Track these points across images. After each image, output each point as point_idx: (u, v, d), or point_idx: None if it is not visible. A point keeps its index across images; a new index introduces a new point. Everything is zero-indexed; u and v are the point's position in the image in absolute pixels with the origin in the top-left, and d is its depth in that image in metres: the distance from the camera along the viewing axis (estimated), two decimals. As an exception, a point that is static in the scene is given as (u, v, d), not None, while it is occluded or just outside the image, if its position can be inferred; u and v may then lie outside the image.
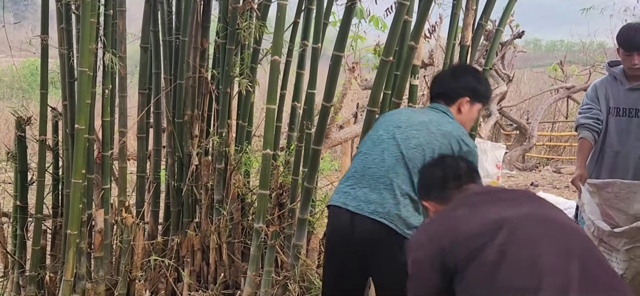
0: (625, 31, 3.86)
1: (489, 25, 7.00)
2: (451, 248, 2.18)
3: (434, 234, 2.28)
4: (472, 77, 3.15)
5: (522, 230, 2.13)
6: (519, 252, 2.07)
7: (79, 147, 3.58)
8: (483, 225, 2.17)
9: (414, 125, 2.97)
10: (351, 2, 3.55)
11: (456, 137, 2.95)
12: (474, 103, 3.12)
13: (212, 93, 4.16)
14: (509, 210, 2.23)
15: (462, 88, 3.10)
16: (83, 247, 3.91)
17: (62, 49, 3.99)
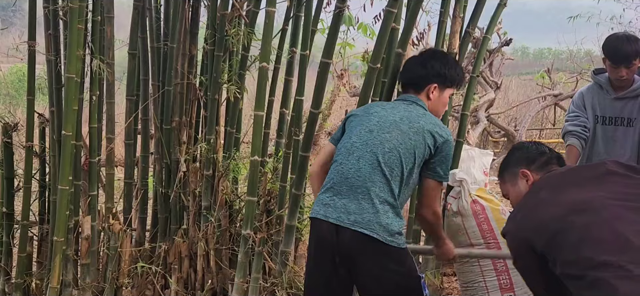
0: (611, 43, 3.86)
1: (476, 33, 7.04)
2: (535, 236, 2.26)
3: (521, 223, 2.37)
4: (438, 62, 3.13)
5: (602, 211, 2.19)
6: (600, 230, 2.14)
7: (66, 154, 3.57)
8: (564, 208, 2.24)
9: (385, 127, 2.95)
10: (339, 10, 3.56)
11: (429, 130, 2.94)
12: (443, 89, 3.12)
13: (200, 100, 4.16)
14: (590, 191, 2.29)
15: (429, 75, 3.10)
16: (70, 254, 3.90)
17: (50, 55, 3.98)
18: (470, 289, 4.04)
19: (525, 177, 2.57)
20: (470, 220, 3.96)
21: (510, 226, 2.42)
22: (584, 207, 2.22)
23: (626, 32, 4.06)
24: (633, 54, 3.77)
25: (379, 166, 2.88)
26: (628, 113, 3.91)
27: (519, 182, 2.60)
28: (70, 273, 3.92)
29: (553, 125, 15.28)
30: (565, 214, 2.22)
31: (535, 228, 2.28)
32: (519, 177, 2.59)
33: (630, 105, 3.90)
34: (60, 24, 3.94)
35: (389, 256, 2.86)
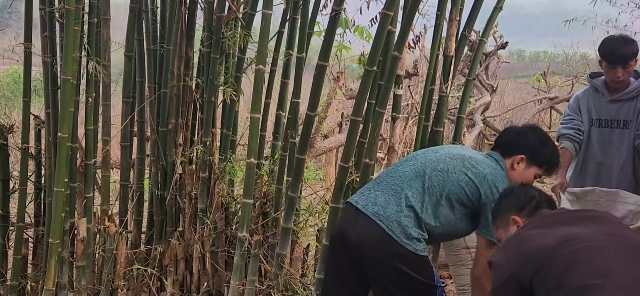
0: (608, 44, 3.89)
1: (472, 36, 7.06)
2: (526, 264, 2.29)
3: (512, 253, 2.40)
4: (535, 137, 3.08)
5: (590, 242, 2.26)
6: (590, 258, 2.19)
7: (62, 155, 3.56)
8: (555, 240, 2.30)
9: (452, 154, 3.00)
10: (335, 12, 3.56)
11: (490, 181, 2.92)
12: (530, 165, 3.05)
13: (196, 102, 4.16)
14: (579, 229, 2.35)
15: (520, 145, 3.05)
16: (65, 256, 3.89)
17: (46, 57, 3.97)
18: (465, 292, 4.04)
19: (516, 223, 2.63)
20: (466, 222, 3.96)
21: (499, 257, 2.44)
22: (573, 239, 2.28)
23: (622, 34, 4.07)
24: (629, 55, 3.79)
25: (423, 177, 2.93)
26: (624, 116, 3.92)
27: (510, 228, 2.66)
28: (65, 275, 3.91)
29: (549, 128, 15.29)
30: (555, 245, 2.28)
31: (525, 258, 2.31)
32: (510, 224, 2.66)
33: (626, 108, 3.91)
34: (56, 26, 3.93)
35: (402, 258, 2.88)
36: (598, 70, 4.07)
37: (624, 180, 3.94)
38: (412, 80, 8.67)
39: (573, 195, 3.94)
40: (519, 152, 3.04)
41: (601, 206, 3.88)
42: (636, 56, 3.84)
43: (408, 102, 8.20)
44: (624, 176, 3.95)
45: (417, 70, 8.59)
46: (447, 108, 4.38)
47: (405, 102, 8.13)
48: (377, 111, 3.66)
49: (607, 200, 3.86)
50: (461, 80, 8.25)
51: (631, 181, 3.94)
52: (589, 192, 3.92)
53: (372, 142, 3.65)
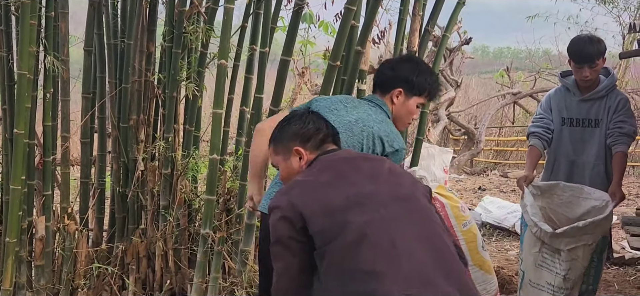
0: (575, 43, 3.92)
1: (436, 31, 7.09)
2: (312, 217, 2.16)
3: (296, 199, 2.21)
4: (408, 67, 2.99)
5: (381, 211, 2.16)
6: (379, 234, 2.10)
7: (18, 152, 3.48)
8: (344, 200, 2.18)
9: (339, 127, 2.81)
10: (298, 7, 3.54)
11: (379, 136, 2.85)
12: (409, 96, 2.96)
13: (158, 98, 4.10)
14: (370, 186, 2.25)
15: (396, 78, 2.96)
16: (23, 255, 3.80)
17: (1, 52, 3.87)
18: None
19: (299, 154, 2.45)
20: (430, 217, 3.98)
21: (280, 201, 2.23)
22: (365, 202, 2.19)
23: (590, 34, 4.11)
24: (596, 54, 3.83)
25: None
26: (595, 115, 3.97)
27: (291, 158, 2.46)
28: (24, 275, 3.83)
29: (512, 123, 15.53)
30: (345, 206, 2.17)
31: (312, 211, 2.17)
32: (292, 154, 2.46)
33: (597, 106, 3.96)
34: (12, 20, 3.84)
35: None
36: (562, 66, 4.12)
37: (596, 178, 3.99)
38: (377, 76, 8.69)
39: (537, 189, 3.98)
40: (395, 85, 2.95)
41: (564, 201, 3.92)
42: (603, 55, 3.89)
43: (373, 97, 8.22)
44: (596, 174, 4.00)
45: (382, 65, 8.60)
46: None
47: (371, 98, 8.15)
48: (341, 106, 3.65)
49: (571, 195, 3.91)
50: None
51: (603, 179, 3.99)
52: (554, 186, 3.97)
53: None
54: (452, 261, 2.15)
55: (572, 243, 3.59)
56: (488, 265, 4.10)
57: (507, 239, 6.48)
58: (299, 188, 2.27)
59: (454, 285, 2.06)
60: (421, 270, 2.06)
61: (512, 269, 5.10)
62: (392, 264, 2.04)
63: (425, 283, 2.03)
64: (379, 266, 2.03)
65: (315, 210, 2.16)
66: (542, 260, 3.71)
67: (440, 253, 2.14)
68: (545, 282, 3.70)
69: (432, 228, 2.23)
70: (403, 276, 2.03)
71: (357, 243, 2.07)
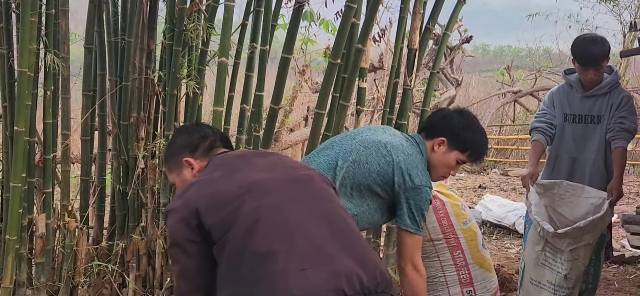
0: (579, 44, 3.91)
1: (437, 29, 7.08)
2: (207, 210, 2.16)
3: (190, 198, 2.22)
4: (459, 120, 2.92)
5: (273, 194, 2.19)
6: (271, 215, 2.12)
7: (19, 150, 3.48)
8: (237, 189, 2.19)
9: (366, 142, 2.85)
10: (299, 5, 3.54)
11: (403, 168, 2.77)
12: (451, 149, 2.90)
13: (158, 95, 4.09)
14: (264, 174, 2.27)
15: (443, 127, 2.90)
16: (23, 253, 3.80)
17: (1, 49, 3.87)
18: (430, 284, 4.05)
19: (190, 165, 2.46)
20: (431, 215, 3.97)
21: (177, 203, 2.24)
22: (256, 188, 2.20)
23: (594, 34, 4.11)
24: (600, 56, 3.83)
25: (334, 169, 2.82)
26: (597, 111, 3.97)
27: (184, 171, 2.47)
28: (24, 272, 3.82)
29: (513, 121, 15.51)
30: (238, 194, 2.18)
31: (207, 204, 2.17)
32: (183, 166, 2.47)
33: (599, 103, 3.96)
34: (12, 17, 3.83)
35: None
36: (567, 66, 4.14)
37: (595, 174, 4.01)
38: (378, 74, 8.68)
39: (541, 187, 3.99)
40: (440, 134, 2.90)
41: (565, 200, 3.94)
42: (607, 55, 3.88)
43: (374, 95, 8.21)
44: (595, 170, 4.01)
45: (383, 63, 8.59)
46: (411, 102, 4.38)
47: (371, 96, 8.15)
48: (341, 104, 3.66)
49: (572, 194, 3.92)
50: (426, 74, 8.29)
51: (603, 174, 4.00)
52: (557, 184, 3.98)
53: (336, 135, 3.64)
54: (352, 237, 2.18)
55: (574, 244, 3.61)
56: (488, 263, 4.10)
57: (507, 237, 6.49)
58: (193, 187, 2.27)
59: (353, 258, 2.08)
60: (317, 246, 2.08)
61: (512, 267, 5.11)
62: (286, 242, 2.06)
63: (322, 258, 2.05)
64: (274, 246, 2.05)
65: (209, 204, 2.17)
66: (545, 258, 3.72)
67: (337, 229, 2.16)
68: (547, 281, 3.71)
69: (329, 207, 2.25)
70: (298, 252, 2.04)
71: (250, 228, 2.10)
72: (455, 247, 3.98)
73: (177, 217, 2.19)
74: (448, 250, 3.99)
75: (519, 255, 5.45)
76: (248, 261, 2.06)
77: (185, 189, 2.30)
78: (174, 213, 2.22)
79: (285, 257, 2.02)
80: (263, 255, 2.04)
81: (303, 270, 2.01)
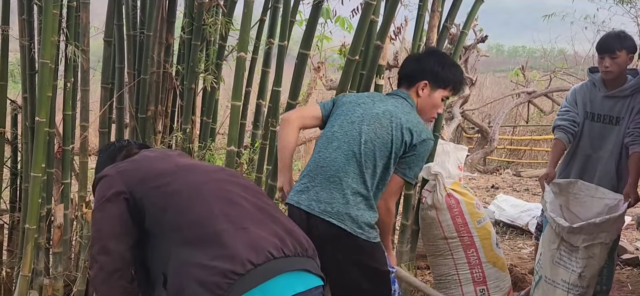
0: (602, 37, 4.00)
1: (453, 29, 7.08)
2: (141, 181, 2.31)
3: (125, 169, 2.36)
4: (434, 60, 3.04)
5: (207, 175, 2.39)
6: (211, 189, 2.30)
7: (39, 140, 3.52)
8: (173, 167, 2.38)
9: (367, 119, 2.92)
10: (318, 1, 3.56)
11: (408, 127, 2.89)
12: (434, 88, 3.03)
13: (176, 89, 4.12)
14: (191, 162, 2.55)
15: (421, 71, 3.02)
16: (41, 242, 3.84)
17: (23, 41, 3.91)
18: (443, 282, 4.08)
19: None
20: (445, 213, 3.99)
21: (109, 171, 2.38)
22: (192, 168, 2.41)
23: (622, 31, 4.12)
24: (617, 44, 3.84)
25: (354, 157, 2.87)
26: (617, 113, 3.97)
27: None
28: (41, 261, 3.87)
29: (526, 122, 15.46)
30: (175, 170, 2.36)
31: (141, 174, 2.33)
32: None
33: (620, 105, 3.96)
34: (34, 9, 3.87)
35: (356, 248, 2.85)
36: (582, 67, 4.15)
37: (605, 175, 4.00)
38: (392, 72, 8.69)
39: (557, 186, 4.00)
40: (420, 78, 3.01)
41: (580, 200, 3.94)
42: (628, 50, 3.87)
43: (388, 93, 8.22)
44: (606, 171, 4.00)
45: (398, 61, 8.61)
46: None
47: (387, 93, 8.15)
48: (359, 101, 3.66)
49: (586, 194, 3.93)
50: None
51: (612, 176, 3.99)
52: (572, 184, 3.99)
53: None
54: (277, 213, 2.35)
55: (589, 241, 3.60)
56: (502, 262, 4.11)
57: (520, 237, 6.48)
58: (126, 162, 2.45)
59: (281, 227, 2.25)
60: (252, 213, 2.25)
61: (525, 267, 5.10)
62: (226, 208, 2.22)
63: (258, 222, 2.22)
64: (215, 211, 2.20)
65: (144, 174, 2.33)
66: (560, 257, 3.72)
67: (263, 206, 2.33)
68: (561, 279, 3.71)
69: (253, 188, 2.45)
70: (237, 216, 2.21)
71: (190, 197, 2.25)
72: (469, 245, 3.99)
73: (110, 180, 2.32)
74: (462, 248, 4.01)
75: (532, 255, 5.44)
76: (191, 225, 2.18)
77: (122, 163, 2.45)
78: (107, 178, 2.34)
79: (226, 219, 2.18)
80: (205, 218, 2.18)
81: (244, 229, 2.17)
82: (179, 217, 2.21)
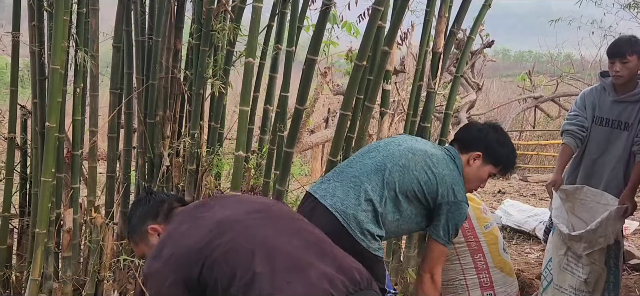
0: (613, 41, 3.99)
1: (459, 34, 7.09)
2: (188, 264, 2.20)
3: (167, 258, 2.24)
4: (494, 135, 3.06)
5: (243, 224, 2.28)
6: (247, 243, 2.20)
7: (50, 145, 3.54)
8: (207, 234, 2.24)
9: (414, 149, 2.94)
10: (326, 7, 3.57)
11: (448, 183, 2.90)
12: (486, 163, 3.04)
13: (184, 95, 4.14)
14: (225, 212, 2.36)
15: (478, 141, 3.04)
16: (51, 247, 3.87)
17: (33, 46, 3.94)
18: (451, 287, 4.08)
19: (156, 232, 2.49)
20: (452, 218, 3.99)
21: (156, 266, 2.26)
22: (225, 223, 2.28)
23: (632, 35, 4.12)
24: (628, 48, 3.83)
25: (383, 171, 2.89)
26: (625, 118, 3.95)
27: (150, 239, 2.50)
28: (51, 265, 3.89)
29: (533, 127, 15.43)
30: (210, 238, 2.23)
31: (184, 260, 2.21)
32: (149, 235, 2.50)
33: (629, 110, 3.94)
34: (44, 16, 3.91)
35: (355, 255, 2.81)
36: (589, 72, 4.15)
37: (613, 181, 3.99)
38: (399, 77, 8.70)
39: (564, 192, 4.00)
40: (476, 148, 3.03)
41: (586, 206, 3.94)
42: (639, 54, 3.86)
43: (394, 98, 8.23)
44: (613, 177, 3.99)
45: (404, 67, 8.62)
46: (434, 105, 4.40)
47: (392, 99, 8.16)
48: (366, 106, 3.69)
49: (592, 199, 3.93)
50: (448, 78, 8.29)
51: (619, 182, 3.98)
52: (579, 189, 3.99)
53: (360, 136, 3.67)
54: (326, 246, 2.29)
55: (589, 248, 3.62)
56: (509, 267, 4.11)
57: (527, 242, 6.47)
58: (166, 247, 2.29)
59: (330, 265, 2.19)
60: (297, 258, 2.18)
61: (532, 272, 5.10)
62: (267, 263, 2.14)
63: (303, 268, 2.15)
64: (257, 269, 2.12)
65: (186, 257, 2.21)
66: (567, 263, 3.73)
67: (310, 242, 2.27)
68: (568, 285, 3.71)
69: (298, 224, 2.39)
70: (280, 269, 2.13)
71: (230, 262, 2.16)
72: (477, 250, 4.00)
73: (160, 281, 2.21)
74: (469, 253, 4.01)
75: (539, 260, 5.44)
76: (238, 292, 2.12)
77: (159, 248, 2.30)
78: (156, 275, 2.24)
79: (269, 277, 2.10)
80: (249, 282, 2.11)
81: (288, 283, 2.11)
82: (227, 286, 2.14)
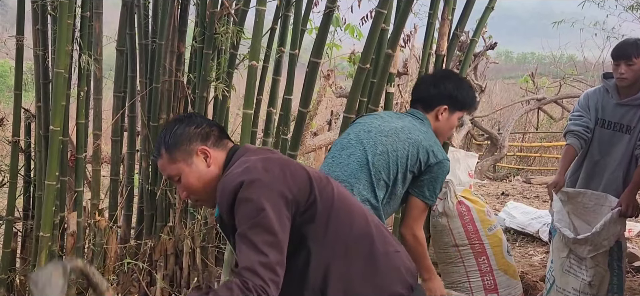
0: (618, 43, 3.98)
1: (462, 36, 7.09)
2: (293, 182, 2.07)
3: (270, 165, 2.08)
4: (451, 84, 3.09)
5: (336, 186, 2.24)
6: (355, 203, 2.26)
7: (54, 149, 3.55)
8: (316, 171, 2.18)
9: (384, 131, 2.94)
10: (329, 10, 3.58)
11: (425, 147, 2.91)
12: (453, 112, 3.08)
13: (188, 98, 4.15)
14: None
15: (440, 96, 3.06)
16: (55, 250, 3.87)
17: (37, 50, 3.95)
18: (454, 289, 4.07)
19: (205, 153, 2.22)
20: (456, 221, 4.00)
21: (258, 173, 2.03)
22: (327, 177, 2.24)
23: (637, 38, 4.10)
24: (633, 51, 3.80)
25: (367, 165, 2.88)
26: (628, 121, 3.94)
27: (195, 160, 2.22)
28: (55, 269, 3.89)
29: (536, 128, 15.41)
30: (321, 175, 2.18)
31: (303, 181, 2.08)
32: (195, 155, 2.22)
33: (632, 113, 3.93)
34: (48, 19, 3.92)
35: None
36: (592, 74, 4.14)
37: (612, 183, 3.98)
38: (402, 79, 8.70)
39: (565, 195, 3.99)
40: (440, 103, 3.06)
41: (589, 209, 3.93)
42: None
43: (398, 101, 8.23)
44: (613, 179, 3.98)
45: (407, 69, 8.62)
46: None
47: (395, 101, 8.16)
48: (370, 108, 3.69)
49: (595, 203, 3.91)
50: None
51: (619, 185, 3.97)
52: (581, 193, 3.98)
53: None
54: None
55: (594, 251, 3.61)
56: (513, 269, 4.10)
57: (531, 245, 6.46)
58: (273, 163, 2.11)
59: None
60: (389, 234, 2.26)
61: (536, 274, 5.09)
62: (373, 227, 2.20)
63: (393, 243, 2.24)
64: (368, 229, 2.18)
65: (293, 175, 2.08)
66: (570, 265, 3.72)
67: None
68: (571, 288, 3.71)
69: None
70: (385, 237, 2.22)
71: (345, 208, 2.17)
72: (480, 253, 4.00)
73: (269, 191, 2.01)
74: (473, 255, 4.01)
75: (543, 263, 5.43)
76: (350, 238, 2.13)
77: (261, 165, 2.07)
78: (259, 173, 2.04)
79: (381, 240, 2.18)
80: (363, 235, 2.16)
81: (397, 252, 2.20)
82: (341, 227, 2.10)
